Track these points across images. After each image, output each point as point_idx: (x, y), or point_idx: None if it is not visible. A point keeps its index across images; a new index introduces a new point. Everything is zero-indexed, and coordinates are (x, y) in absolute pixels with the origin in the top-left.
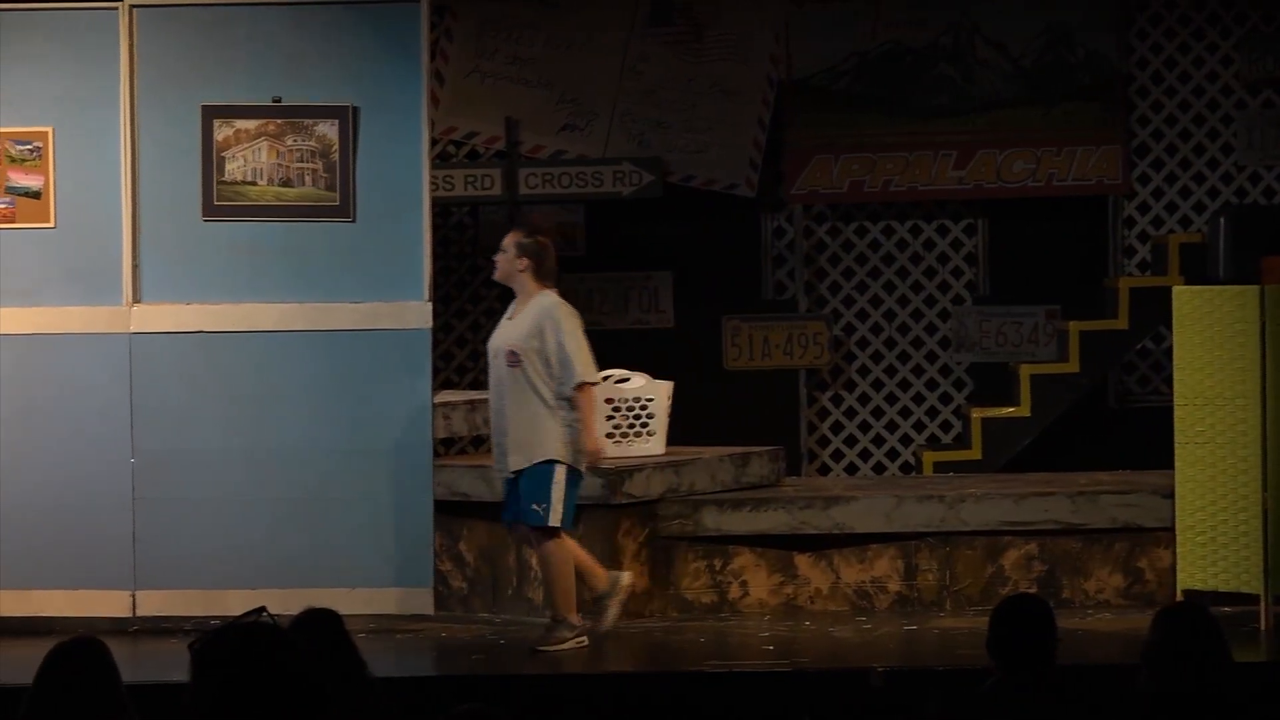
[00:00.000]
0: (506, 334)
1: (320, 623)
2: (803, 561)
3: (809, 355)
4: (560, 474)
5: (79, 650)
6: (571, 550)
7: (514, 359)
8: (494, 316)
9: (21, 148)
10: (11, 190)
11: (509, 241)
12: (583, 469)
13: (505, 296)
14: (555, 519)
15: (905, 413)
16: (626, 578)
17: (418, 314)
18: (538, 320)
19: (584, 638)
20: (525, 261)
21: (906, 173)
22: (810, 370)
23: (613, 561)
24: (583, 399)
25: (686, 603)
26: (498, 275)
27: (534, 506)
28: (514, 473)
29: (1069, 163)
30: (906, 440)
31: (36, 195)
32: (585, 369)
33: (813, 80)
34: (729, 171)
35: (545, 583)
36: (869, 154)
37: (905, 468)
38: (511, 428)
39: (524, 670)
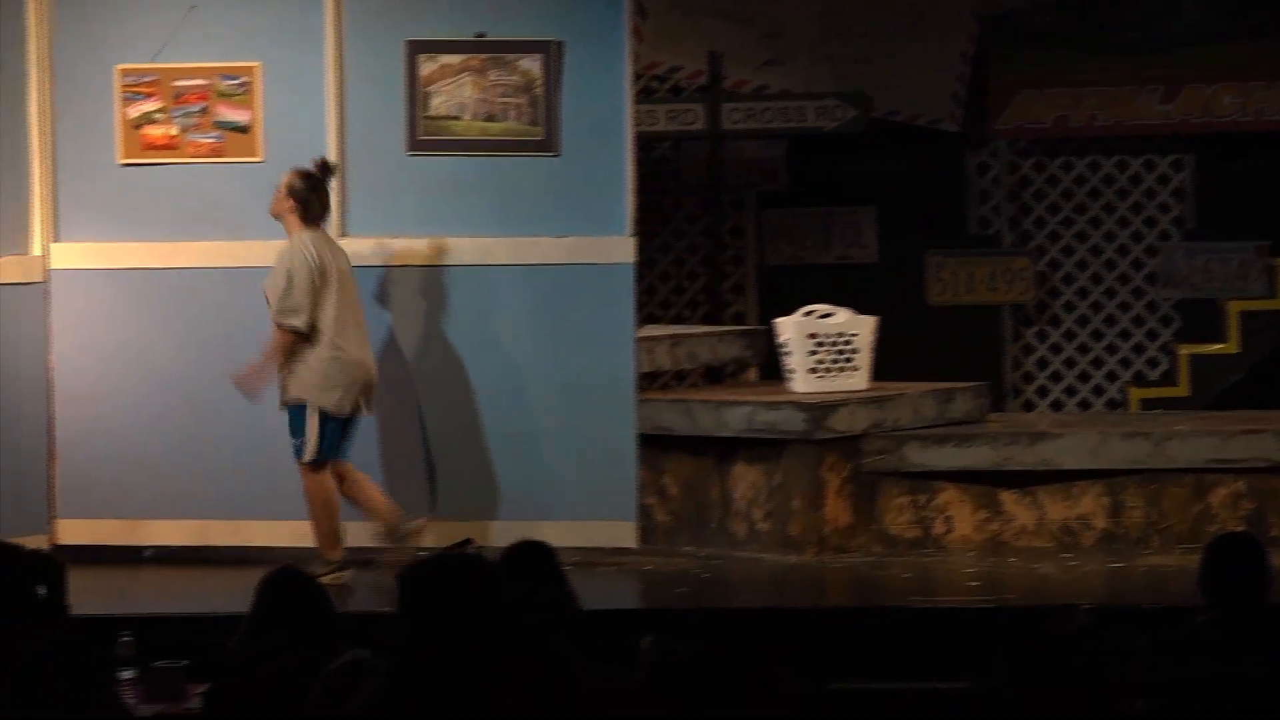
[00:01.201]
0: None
1: (532, 555)
2: (1007, 498)
3: (1013, 291)
4: (312, 412)
5: (293, 579)
6: (330, 489)
7: (268, 301)
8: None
9: (230, 83)
10: (220, 125)
11: (283, 180)
12: (326, 407)
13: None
14: (309, 454)
15: (1111, 349)
16: (419, 524)
17: (621, 248)
18: (276, 261)
19: (343, 573)
20: (291, 203)
21: (1112, 107)
22: (1015, 306)
23: (817, 497)
24: (275, 336)
25: (890, 538)
26: (270, 212)
27: (294, 441)
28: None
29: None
30: (1112, 377)
31: (244, 130)
32: (281, 311)
33: (1017, 14)
34: (932, 106)
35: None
36: (1074, 88)
37: (1111, 404)
38: None
39: (727, 604)
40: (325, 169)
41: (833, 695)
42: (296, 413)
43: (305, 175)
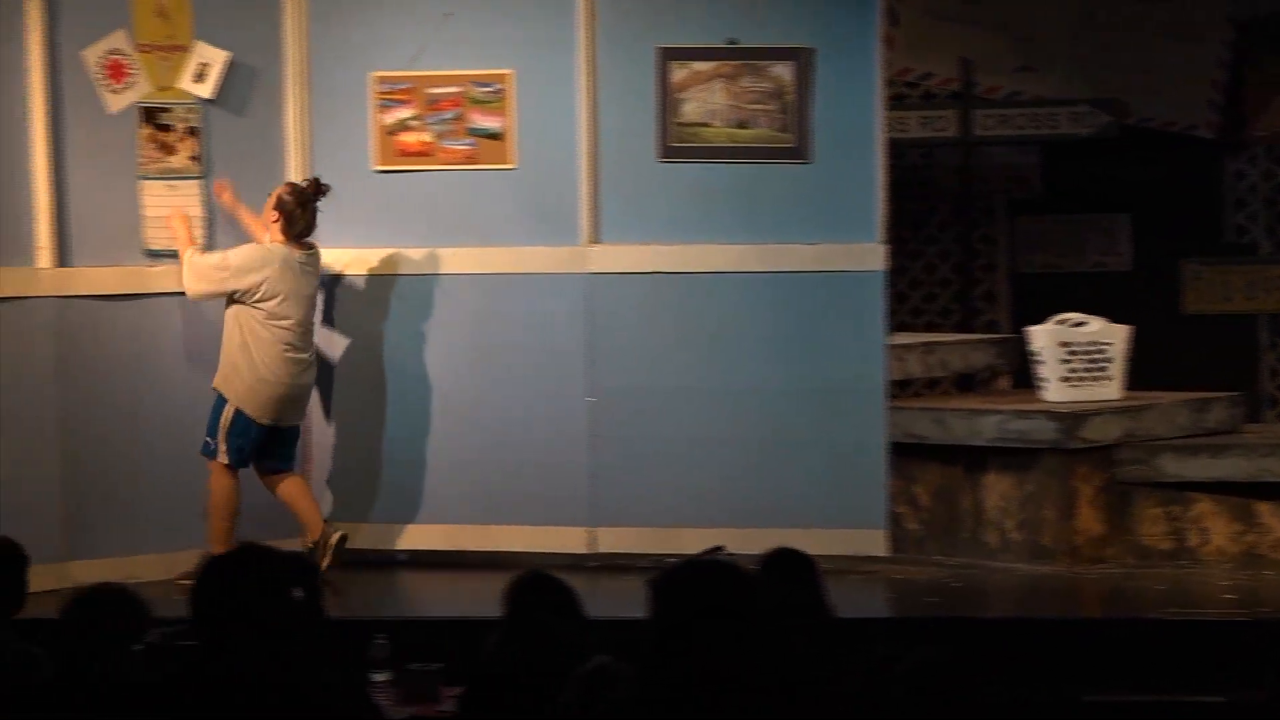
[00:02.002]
0: None
1: (791, 563)
2: (1264, 509)
3: (1271, 299)
4: (228, 412)
5: (540, 583)
6: (232, 492)
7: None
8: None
9: (484, 89)
10: (474, 132)
11: (275, 191)
12: (244, 409)
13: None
14: (221, 455)
15: None
16: (335, 536)
17: (872, 255)
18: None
19: None
20: (276, 214)
21: None
22: (1272, 315)
23: (1069, 507)
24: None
25: (1144, 549)
26: (262, 221)
27: (206, 438)
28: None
29: None
30: None
31: (498, 137)
32: (200, 272)
33: (1275, 18)
34: (1188, 112)
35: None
36: None
37: None
38: None
39: (978, 614)
40: (318, 188)
41: (1086, 707)
42: (216, 407)
43: (297, 191)
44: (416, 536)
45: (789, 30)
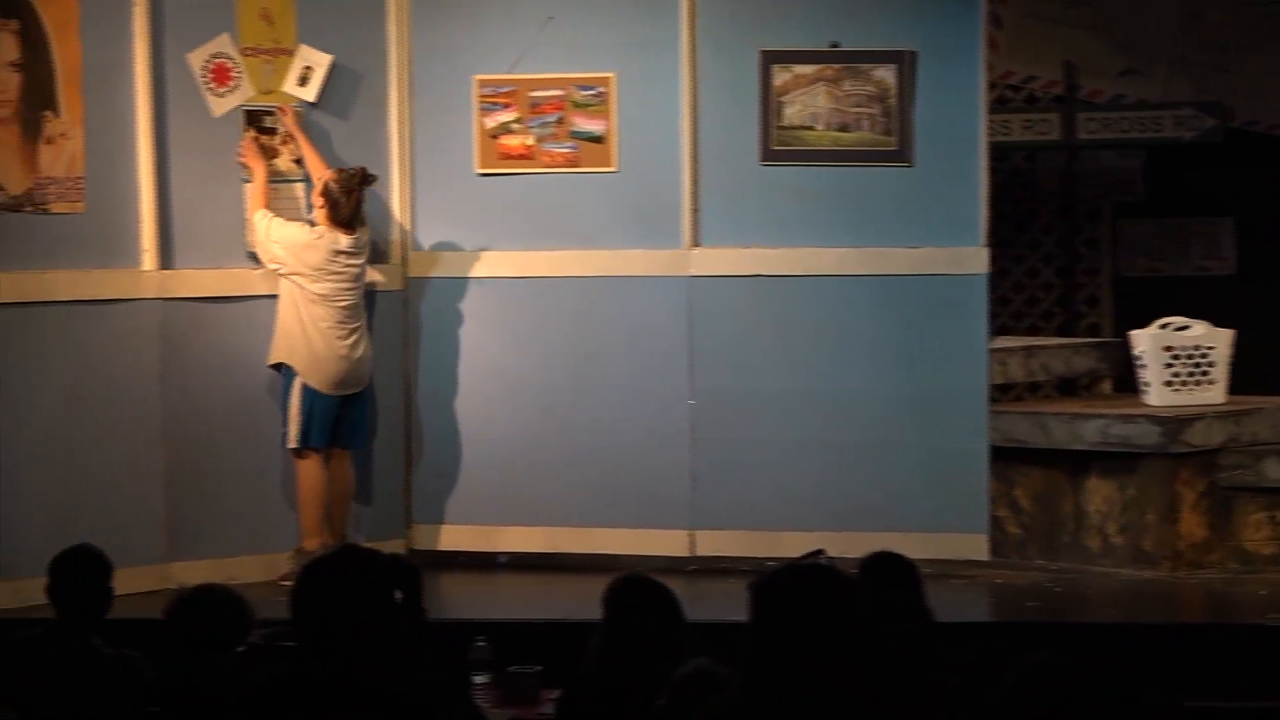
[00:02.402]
0: None
1: (891, 566)
2: None
3: None
4: (296, 387)
5: (640, 586)
6: (317, 479)
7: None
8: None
9: (585, 93)
10: (576, 135)
11: (323, 177)
12: (309, 383)
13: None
14: (292, 439)
15: None
16: (311, 544)
17: (974, 259)
18: None
19: None
20: (321, 200)
21: None
22: None
23: (1172, 511)
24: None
25: (1247, 554)
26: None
27: (283, 430)
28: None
29: None
30: None
31: (599, 140)
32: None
33: None
34: None
35: None
36: None
37: None
38: None
39: (1080, 618)
40: (365, 177)
41: (1189, 713)
42: (284, 387)
43: (343, 179)
44: (517, 538)
45: (891, 33)
